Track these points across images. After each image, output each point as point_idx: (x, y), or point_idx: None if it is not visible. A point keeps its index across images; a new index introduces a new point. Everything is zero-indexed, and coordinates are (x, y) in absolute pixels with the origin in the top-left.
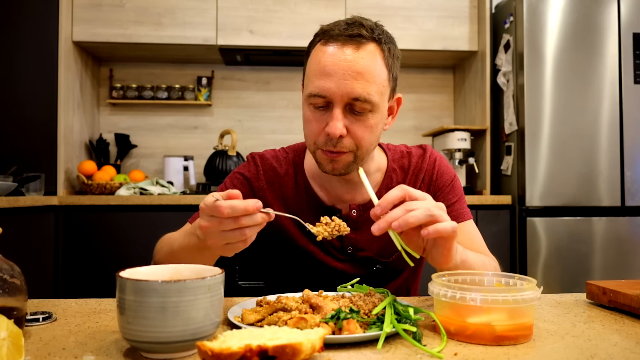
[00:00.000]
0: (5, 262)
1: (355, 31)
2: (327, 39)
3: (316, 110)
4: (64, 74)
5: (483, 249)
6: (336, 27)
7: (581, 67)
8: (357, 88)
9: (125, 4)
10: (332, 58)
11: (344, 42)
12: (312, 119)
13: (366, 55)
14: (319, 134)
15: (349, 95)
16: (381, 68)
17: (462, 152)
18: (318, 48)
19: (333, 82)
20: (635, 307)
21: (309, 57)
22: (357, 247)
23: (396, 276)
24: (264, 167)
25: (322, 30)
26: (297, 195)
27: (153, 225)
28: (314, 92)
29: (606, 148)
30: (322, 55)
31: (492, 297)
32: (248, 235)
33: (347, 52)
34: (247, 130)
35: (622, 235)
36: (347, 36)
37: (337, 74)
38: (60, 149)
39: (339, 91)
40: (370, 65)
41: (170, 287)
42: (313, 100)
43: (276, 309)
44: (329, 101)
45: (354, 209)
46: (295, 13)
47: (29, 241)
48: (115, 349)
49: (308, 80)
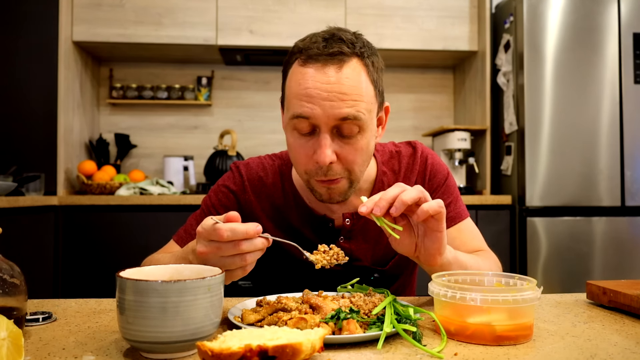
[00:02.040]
0: (5, 262)
1: (335, 48)
2: (305, 58)
3: (301, 137)
4: (64, 74)
5: (483, 245)
6: (314, 45)
7: (581, 67)
8: (344, 109)
9: (125, 4)
10: (314, 81)
11: (324, 62)
12: (298, 146)
13: (350, 74)
14: (307, 162)
15: (335, 117)
16: (367, 85)
17: (462, 152)
18: (296, 69)
19: (317, 104)
20: (635, 307)
21: (287, 79)
22: (352, 257)
23: (393, 282)
24: (249, 178)
25: (299, 48)
26: (287, 205)
27: (153, 225)
28: (297, 114)
29: (606, 148)
30: (302, 77)
31: (492, 297)
32: (248, 261)
33: (330, 73)
34: (247, 130)
35: (622, 235)
36: (328, 55)
37: (321, 96)
38: (60, 149)
39: (325, 114)
40: (355, 85)
41: (170, 287)
42: (297, 124)
43: (276, 309)
44: (314, 125)
45: (347, 218)
46: (295, 13)
47: (29, 241)
48: (115, 349)
49: (289, 104)
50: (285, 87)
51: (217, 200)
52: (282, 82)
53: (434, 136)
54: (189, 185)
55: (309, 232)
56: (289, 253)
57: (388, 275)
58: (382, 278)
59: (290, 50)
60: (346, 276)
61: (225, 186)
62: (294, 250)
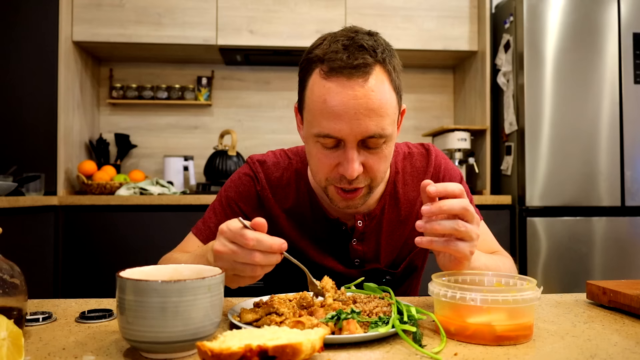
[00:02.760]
0: (5, 262)
1: (359, 60)
2: (327, 71)
3: (326, 149)
4: (64, 74)
5: (497, 247)
6: (336, 56)
7: (581, 67)
8: (372, 126)
9: (125, 4)
10: (340, 97)
11: (349, 76)
12: (323, 157)
13: (375, 86)
14: (330, 172)
15: (362, 135)
16: (390, 94)
17: (462, 152)
18: (318, 82)
19: (344, 122)
20: (635, 307)
21: (308, 90)
22: (364, 259)
23: (403, 283)
24: (266, 176)
25: (318, 57)
26: (301, 206)
27: (153, 225)
28: (324, 134)
29: (606, 148)
30: (327, 92)
31: (492, 297)
32: (259, 273)
33: (356, 87)
34: (247, 130)
35: (622, 235)
36: (352, 68)
37: (348, 114)
38: (60, 149)
39: (352, 132)
40: (381, 97)
41: (170, 287)
42: (322, 140)
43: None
44: (340, 140)
45: (359, 220)
46: (295, 13)
47: (29, 241)
48: (115, 349)
49: (313, 118)
50: (306, 98)
51: (238, 194)
52: (300, 89)
53: (434, 136)
54: (189, 185)
55: (322, 232)
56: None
57: (398, 277)
58: (393, 280)
59: (307, 56)
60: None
61: (247, 178)
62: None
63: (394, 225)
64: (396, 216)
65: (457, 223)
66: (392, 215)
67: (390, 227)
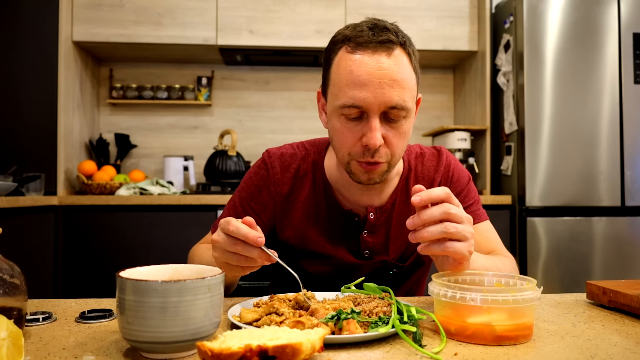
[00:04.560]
0: (5, 262)
1: (384, 37)
2: (354, 46)
3: (349, 121)
4: (64, 74)
5: (500, 247)
6: (362, 34)
7: (581, 67)
8: (394, 96)
9: (125, 4)
10: (366, 67)
11: (374, 49)
12: (346, 130)
13: (398, 62)
14: (353, 145)
15: (386, 105)
16: (410, 73)
17: (462, 152)
18: (345, 56)
19: (369, 92)
20: (635, 307)
21: (334, 65)
22: (373, 251)
23: (409, 277)
24: (281, 168)
25: (345, 36)
26: (315, 197)
27: (153, 225)
28: (349, 103)
29: (606, 148)
30: (353, 63)
31: (492, 297)
32: (244, 265)
33: (381, 59)
34: (247, 130)
35: (622, 235)
36: (378, 43)
37: (373, 83)
38: (60, 149)
39: (376, 101)
40: (403, 71)
41: (170, 287)
42: (347, 111)
43: (270, 312)
44: (363, 111)
45: (371, 212)
46: (295, 13)
47: (29, 241)
48: (115, 349)
49: (339, 90)
50: (331, 74)
51: (249, 195)
52: (325, 70)
53: (434, 136)
54: (189, 185)
55: (335, 223)
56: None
57: (405, 271)
58: (400, 274)
59: (333, 39)
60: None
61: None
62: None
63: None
64: (406, 211)
65: (445, 226)
66: (402, 210)
67: (400, 222)
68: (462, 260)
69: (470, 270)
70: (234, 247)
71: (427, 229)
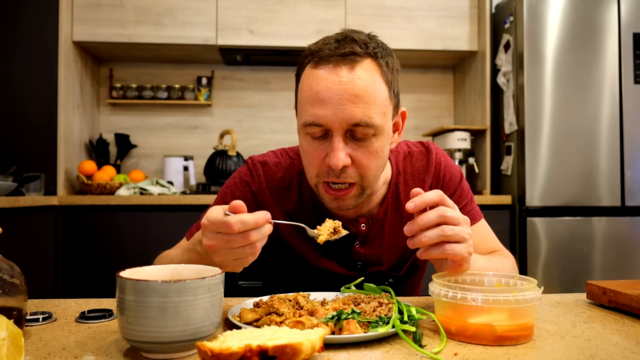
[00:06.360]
0: (5, 262)
1: (347, 49)
2: (317, 60)
3: (314, 141)
4: (64, 74)
5: (498, 246)
6: (326, 47)
7: (581, 67)
8: (357, 113)
9: (125, 4)
10: (325, 82)
11: (336, 63)
12: (311, 150)
13: (363, 75)
14: (319, 166)
15: (348, 122)
16: (381, 86)
17: (462, 152)
18: (308, 72)
19: (329, 109)
20: (635, 307)
21: (300, 82)
22: (367, 262)
23: (404, 283)
24: (266, 178)
25: (311, 51)
26: (303, 208)
27: (153, 225)
28: (310, 121)
29: (606, 148)
30: (314, 79)
31: (493, 298)
32: (258, 248)
33: (342, 73)
34: (247, 130)
35: (622, 235)
36: (339, 55)
37: (333, 99)
38: (60, 149)
39: (337, 118)
40: (368, 85)
41: (170, 287)
42: (310, 129)
43: (270, 312)
44: (327, 129)
45: (362, 223)
46: (295, 13)
47: (29, 241)
48: (115, 349)
49: (301, 108)
50: (298, 91)
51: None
52: (296, 87)
53: (434, 136)
54: (189, 185)
55: None
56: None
57: (400, 278)
58: (396, 282)
59: (303, 54)
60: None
61: (242, 184)
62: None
63: (397, 227)
64: (399, 218)
65: (443, 229)
66: (394, 217)
67: (393, 230)
68: (462, 262)
69: (470, 271)
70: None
71: (425, 233)
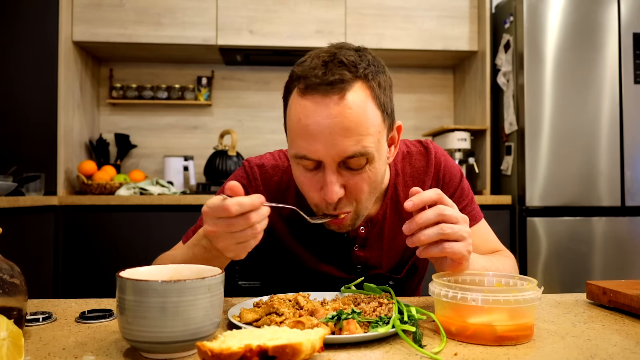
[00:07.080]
0: (5, 262)
1: (336, 75)
2: (304, 88)
3: (307, 172)
4: (64, 74)
5: (499, 246)
6: (312, 72)
7: (581, 66)
8: (350, 147)
9: (125, 4)
10: (315, 116)
11: (324, 93)
12: (306, 180)
13: (354, 104)
14: (315, 196)
15: (340, 156)
16: (373, 112)
17: (462, 152)
18: (295, 100)
19: (320, 144)
20: (635, 307)
21: (288, 108)
22: (367, 265)
23: (403, 285)
24: (263, 181)
25: (297, 75)
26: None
27: (153, 225)
28: (301, 155)
29: (606, 148)
30: (302, 111)
31: (493, 298)
32: (259, 230)
33: (331, 105)
34: (247, 130)
35: (622, 235)
36: (327, 84)
37: (323, 134)
38: (60, 149)
39: (329, 153)
40: (359, 115)
41: (170, 287)
42: (302, 162)
43: (270, 312)
44: (319, 161)
45: (361, 226)
46: (295, 13)
47: (29, 241)
48: (115, 349)
49: (291, 139)
50: (287, 117)
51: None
52: (284, 110)
53: (434, 136)
54: (189, 185)
55: (322, 238)
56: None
57: (401, 280)
58: (396, 284)
59: (290, 75)
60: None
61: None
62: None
63: (396, 229)
64: (398, 220)
65: (442, 227)
66: (394, 219)
67: (393, 232)
68: (462, 260)
69: (470, 271)
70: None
71: (424, 232)
